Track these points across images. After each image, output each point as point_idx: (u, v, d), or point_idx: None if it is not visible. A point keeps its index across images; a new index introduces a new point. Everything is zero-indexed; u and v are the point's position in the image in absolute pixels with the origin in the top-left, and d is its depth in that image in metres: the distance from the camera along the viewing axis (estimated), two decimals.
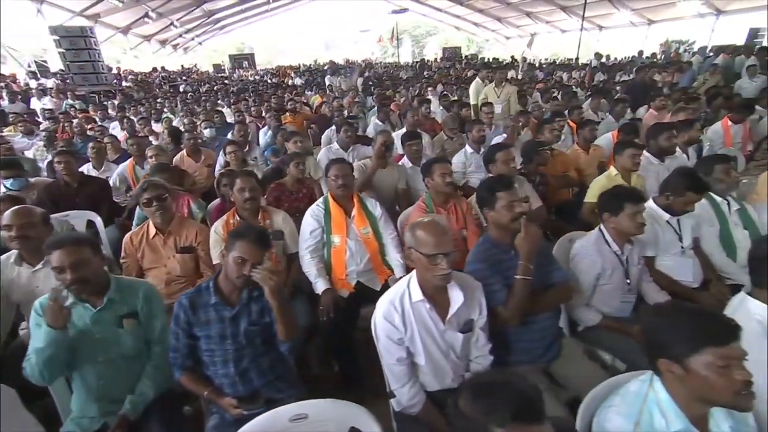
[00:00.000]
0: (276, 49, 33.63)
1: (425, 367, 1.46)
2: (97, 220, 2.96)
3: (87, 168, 3.83)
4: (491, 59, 18.45)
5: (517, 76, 12.24)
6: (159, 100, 9.69)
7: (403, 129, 4.32)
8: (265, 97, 8.76)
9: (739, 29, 13.19)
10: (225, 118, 6.11)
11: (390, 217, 2.44)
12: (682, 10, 14.42)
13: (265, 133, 5.13)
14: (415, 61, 23.97)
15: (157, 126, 6.21)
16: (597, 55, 14.73)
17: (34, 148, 5.04)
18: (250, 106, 7.09)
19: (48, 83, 12.11)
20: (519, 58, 17.50)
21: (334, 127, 4.52)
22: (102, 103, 9.28)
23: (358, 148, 3.84)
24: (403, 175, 3.14)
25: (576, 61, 13.99)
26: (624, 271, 1.93)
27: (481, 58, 21.07)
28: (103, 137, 4.75)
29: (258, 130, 5.56)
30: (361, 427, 1.15)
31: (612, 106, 5.17)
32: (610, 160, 3.34)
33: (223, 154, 3.76)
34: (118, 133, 5.64)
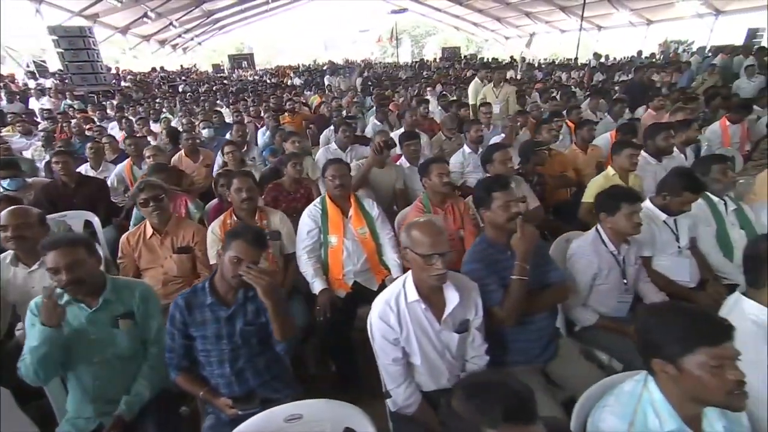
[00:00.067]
0: (275, 49, 33.63)
1: (421, 367, 1.46)
2: (94, 221, 2.96)
3: (85, 168, 3.82)
4: (490, 59, 18.47)
5: (516, 76, 12.25)
6: (158, 100, 9.68)
7: (402, 129, 4.32)
8: (264, 97, 8.76)
9: (737, 29, 13.22)
10: (224, 119, 6.11)
11: (388, 217, 2.44)
12: (681, 10, 14.45)
13: (264, 134, 5.13)
14: (414, 61, 23.97)
15: (156, 126, 6.21)
16: (596, 55, 14.75)
17: (32, 148, 5.03)
18: (248, 107, 7.08)
19: (46, 83, 12.10)
20: (518, 58, 17.49)
21: (332, 127, 4.52)
22: (101, 103, 9.28)
23: (356, 148, 3.84)
24: (401, 175, 3.14)
25: (575, 61, 14.01)
26: (621, 271, 1.93)
27: (480, 58, 21.09)
28: (101, 137, 4.75)
29: (256, 131, 5.55)
30: (356, 427, 1.15)
31: (610, 106, 5.18)
32: (608, 160, 3.34)
33: (221, 155, 3.76)
34: (117, 134, 5.64)
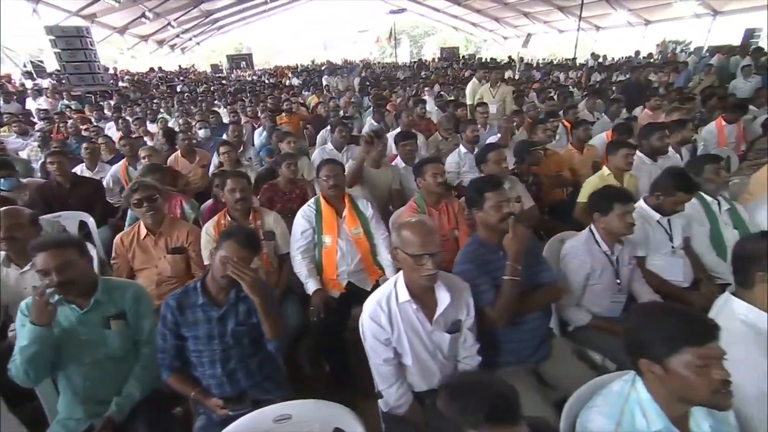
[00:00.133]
0: (274, 50, 33.60)
1: (412, 367, 1.46)
2: (89, 221, 2.95)
3: (80, 168, 3.82)
4: (488, 59, 18.49)
5: (514, 76, 12.26)
6: (155, 100, 9.67)
7: (398, 129, 4.32)
8: (262, 97, 8.76)
9: (735, 30, 13.24)
10: (221, 119, 6.09)
11: (384, 218, 2.44)
12: (679, 11, 14.47)
13: (260, 134, 5.12)
14: (412, 61, 23.98)
15: (153, 126, 6.20)
16: (594, 56, 14.78)
17: (29, 148, 5.02)
18: (246, 107, 7.07)
19: (43, 83, 12.07)
20: (516, 58, 17.52)
21: (329, 128, 4.51)
22: (98, 103, 9.27)
23: (353, 149, 3.84)
24: (397, 176, 3.14)
25: (573, 61, 14.03)
26: (614, 271, 1.93)
27: (478, 58, 21.10)
28: (97, 138, 4.74)
29: (253, 131, 5.55)
30: (345, 427, 1.15)
31: (607, 106, 5.18)
32: (604, 160, 3.35)
33: (217, 155, 3.76)
34: (114, 134, 5.62)
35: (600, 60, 14.45)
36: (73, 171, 3.53)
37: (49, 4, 12.20)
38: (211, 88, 12.86)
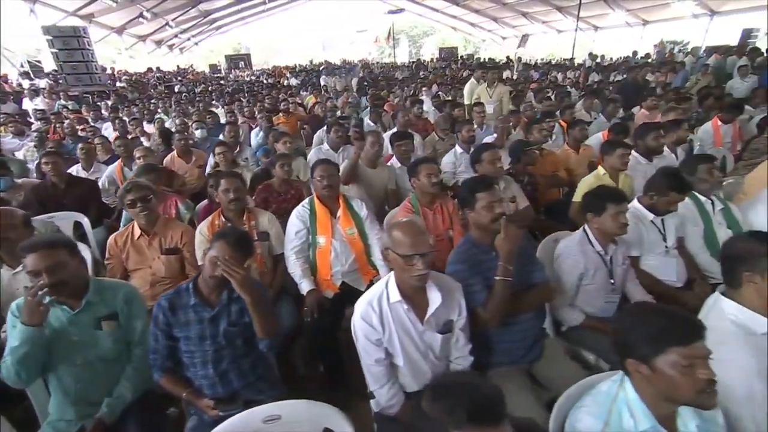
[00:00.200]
0: (273, 50, 33.56)
1: (404, 368, 1.46)
2: (84, 222, 2.94)
3: (76, 169, 3.81)
4: (487, 59, 18.50)
5: (512, 77, 12.27)
6: (153, 100, 9.65)
7: (395, 129, 4.32)
8: (260, 97, 8.75)
9: (733, 30, 13.27)
10: (218, 119, 6.08)
11: (380, 218, 2.43)
12: (676, 11, 14.49)
13: (257, 134, 5.11)
14: (411, 61, 23.99)
15: (150, 127, 6.19)
16: (591, 56, 14.80)
17: (25, 148, 5.01)
18: (243, 107, 7.06)
19: (41, 83, 12.04)
20: (514, 58, 17.54)
21: (326, 128, 4.50)
22: (95, 103, 9.25)
23: (349, 149, 3.83)
24: (393, 176, 3.14)
25: (571, 61, 14.05)
26: (608, 271, 1.93)
27: (477, 58, 21.12)
28: (94, 138, 4.73)
29: (250, 131, 5.54)
30: (335, 428, 1.15)
31: (604, 106, 5.19)
32: (600, 160, 3.35)
33: (213, 155, 3.75)
34: (111, 134, 5.60)
35: (598, 60, 14.47)
36: (69, 171, 3.52)
37: (46, 4, 12.17)
38: (209, 89, 12.84)
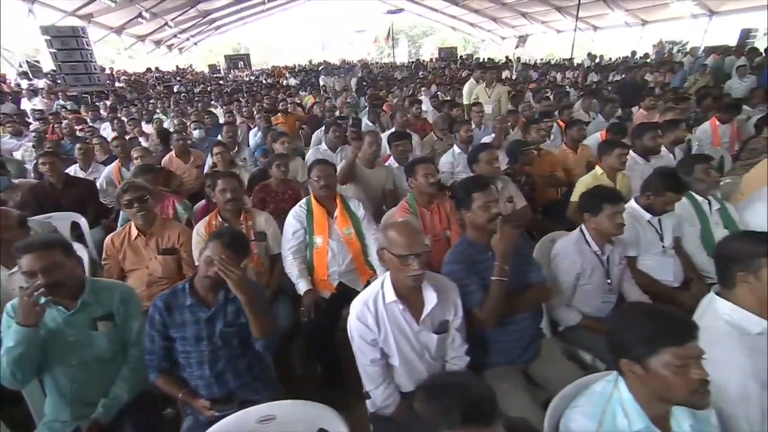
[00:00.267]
0: (272, 50, 33.53)
1: (399, 368, 1.46)
2: (81, 222, 2.94)
3: (74, 169, 3.80)
4: (486, 59, 18.51)
5: (511, 77, 12.28)
6: (152, 101, 9.64)
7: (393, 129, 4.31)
8: (258, 97, 8.75)
9: (731, 30, 13.29)
10: (217, 119, 6.08)
11: (378, 218, 2.43)
12: (675, 11, 14.50)
13: (255, 134, 5.11)
14: (410, 61, 23.98)
15: (148, 127, 6.18)
16: (590, 56, 14.81)
17: (23, 149, 5.01)
18: (242, 107, 7.06)
19: (39, 84, 12.03)
20: (513, 58, 17.55)
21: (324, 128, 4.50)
22: (94, 103, 9.24)
23: (347, 149, 3.82)
24: (391, 176, 3.14)
25: (570, 61, 14.06)
26: (605, 271, 1.93)
27: (476, 58, 21.12)
28: (92, 138, 4.73)
29: (249, 131, 5.54)
30: (329, 428, 1.15)
31: (602, 106, 5.19)
32: (598, 160, 3.35)
33: (211, 156, 3.75)
34: (110, 134, 5.59)
35: (597, 60, 14.48)
36: (67, 171, 3.52)
37: (45, 4, 12.13)
38: (208, 89, 12.83)
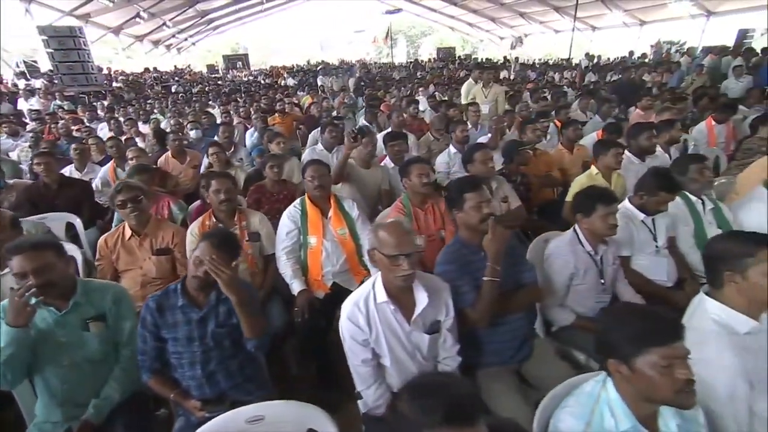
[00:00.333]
0: (270, 50, 33.48)
1: (391, 368, 1.46)
2: (76, 222, 2.93)
3: (69, 170, 3.79)
4: (484, 59, 18.53)
5: (509, 77, 12.29)
6: (149, 101, 9.63)
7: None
8: (256, 97, 8.74)
9: (729, 30, 13.32)
10: (214, 119, 6.07)
11: (373, 218, 2.43)
12: (673, 11, 14.52)
13: (252, 134, 5.11)
14: (409, 61, 23.99)
15: (145, 127, 6.17)
16: (588, 56, 14.83)
17: (19, 149, 4.99)
18: (239, 107, 7.05)
19: (36, 84, 12.00)
20: (511, 58, 17.57)
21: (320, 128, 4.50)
22: (91, 104, 9.22)
23: (343, 149, 3.82)
24: (386, 176, 3.14)
25: (568, 61, 14.07)
26: (598, 271, 1.93)
27: (474, 58, 21.14)
28: (88, 138, 4.72)
29: (245, 131, 5.53)
30: (319, 428, 1.15)
31: (599, 106, 5.20)
32: (593, 160, 3.36)
33: (207, 156, 3.74)
34: (107, 134, 5.58)
35: (594, 60, 14.50)
36: (62, 172, 3.51)
37: (42, 4, 12.10)
38: (206, 89, 12.81)
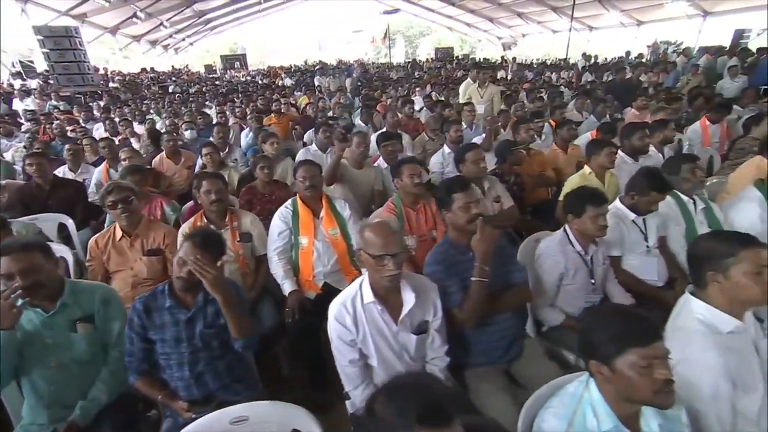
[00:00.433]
0: (268, 50, 33.43)
1: (378, 368, 1.46)
2: (69, 223, 2.92)
3: (63, 170, 3.78)
4: (481, 59, 18.55)
5: (506, 77, 12.30)
6: (145, 101, 9.60)
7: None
8: (253, 97, 8.72)
9: (725, 30, 13.37)
10: (210, 120, 6.05)
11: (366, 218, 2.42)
12: (670, 12, 14.57)
13: (247, 135, 5.10)
14: (407, 61, 24.00)
15: (140, 128, 6.15)
16: (585, 56, 14.86)
17: (13, 149, 4.97)
18: (235, 107, 7.04)
19: (32, 84, 11.96)
20: (509, 58, 17.59)
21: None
22: (87, 104, 9.20)
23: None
24: (380, 176, 3.14)
25: (565, 61, 14.10)
26: (588, 271, 1.94)
27: (472, 58, 21.16)
28: (82, 139, 4.70)
29: (241, 131, 5.52)
30: (303, 428, 1.15)
31: (594, 106, 5.21)
32: (587, 159, 3.36)
33: (201, 156, 3.73)
34: (102, 135, 5.56)
35: (591, 60, 14.53)
36: (56, 172, 3.50)
37: (38, 4, 12.08)
38: (203, 89, 12.79)
